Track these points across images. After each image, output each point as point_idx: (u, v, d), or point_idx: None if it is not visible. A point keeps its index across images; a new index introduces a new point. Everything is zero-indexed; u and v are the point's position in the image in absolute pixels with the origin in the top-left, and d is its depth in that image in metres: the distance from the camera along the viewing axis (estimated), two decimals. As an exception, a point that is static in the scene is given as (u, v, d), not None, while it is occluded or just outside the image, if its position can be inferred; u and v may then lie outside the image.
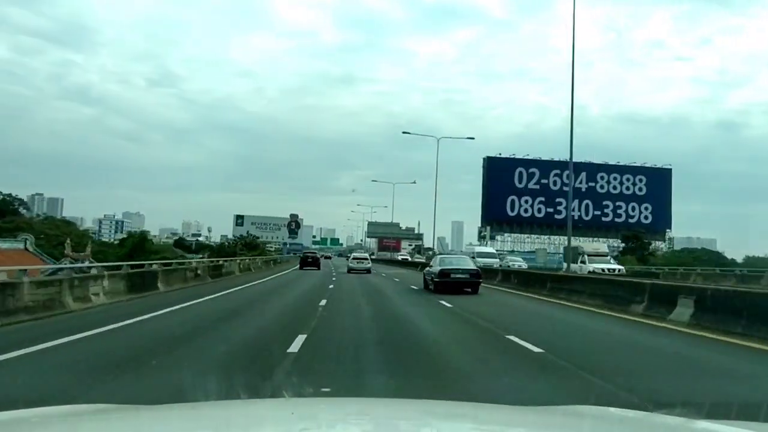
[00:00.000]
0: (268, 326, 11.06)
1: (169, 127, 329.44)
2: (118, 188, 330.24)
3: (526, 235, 78.33)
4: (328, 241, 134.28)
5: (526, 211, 76.80)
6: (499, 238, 77.55)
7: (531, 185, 76.81)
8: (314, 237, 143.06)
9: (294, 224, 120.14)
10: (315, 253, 54.10)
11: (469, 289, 19.58)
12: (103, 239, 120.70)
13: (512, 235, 78.29)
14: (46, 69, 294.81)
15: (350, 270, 37.72)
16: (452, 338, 9.99)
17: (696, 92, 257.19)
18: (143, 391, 5.54)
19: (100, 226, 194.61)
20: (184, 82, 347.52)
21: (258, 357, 7.59)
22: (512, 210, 76.39)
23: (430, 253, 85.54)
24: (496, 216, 75.70)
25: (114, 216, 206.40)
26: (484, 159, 77.35)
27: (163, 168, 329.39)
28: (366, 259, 40.84)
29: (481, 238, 76.12)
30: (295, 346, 8.02)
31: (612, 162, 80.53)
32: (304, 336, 9.02)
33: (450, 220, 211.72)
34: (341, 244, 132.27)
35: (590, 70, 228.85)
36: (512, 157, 77.57)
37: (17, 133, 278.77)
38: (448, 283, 19.41)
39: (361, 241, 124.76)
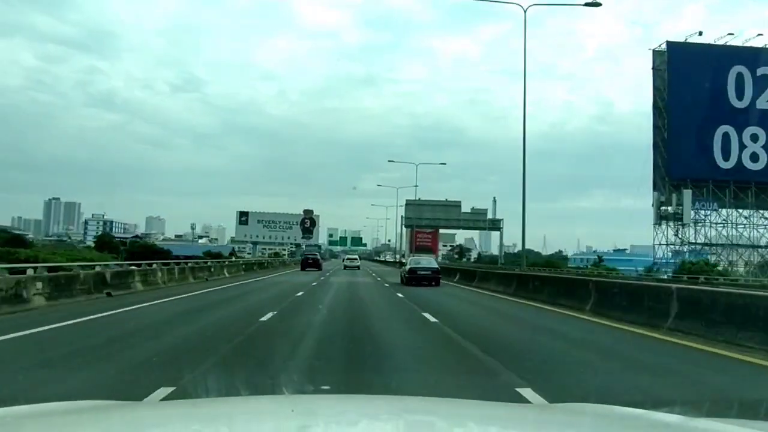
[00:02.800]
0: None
1: (192, 132, 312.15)
2: (141, 193, 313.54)
3: (748, 212, 37.77)
4: (348, 241, 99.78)
5: (754, 157, 36.31)
6: (694, 215, 37.08)
7: (762, 103, 36.37)
8: (330, 236, 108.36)
9: (308, 222, 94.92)
10: (316, 254, 57.30)
11: (434, 283, 25.90)
12: (89, 243, 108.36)
13: (727, 211, 37.48)
14: (72, 76, 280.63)
15: (345, 267, 53.38)
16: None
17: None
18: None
19: (85, 228, 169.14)
20: (207, 86, 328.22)
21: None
22: (726, 156, 35.99)
23: (476, 255, 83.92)
24: (689, 169, 35.29)
25: (103, 216, 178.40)
26: (655, 52, 37.31)
27: (185, 172, 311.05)
28: (356, 259, 59.62)
29: (662, 219, 35.74)
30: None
31: None
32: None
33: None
34: (365, 245, 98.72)
35: (618, 65, 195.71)
36: (720, 44, 37.26)
37: (43, 140, 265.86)
38: (415, 278, 26.11)
39: (389, 241, 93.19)
